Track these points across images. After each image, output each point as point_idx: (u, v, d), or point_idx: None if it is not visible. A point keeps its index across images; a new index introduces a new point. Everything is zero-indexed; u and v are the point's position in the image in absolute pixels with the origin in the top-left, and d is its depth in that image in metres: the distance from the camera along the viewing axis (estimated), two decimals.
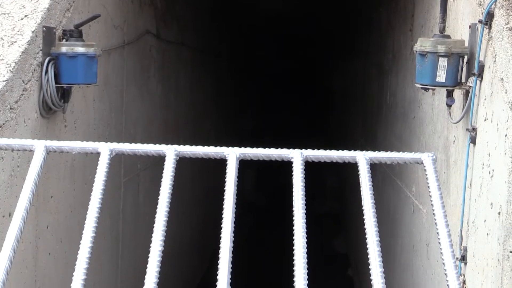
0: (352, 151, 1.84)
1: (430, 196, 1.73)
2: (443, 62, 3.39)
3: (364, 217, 1.67)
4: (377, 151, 1.84)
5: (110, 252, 5.15)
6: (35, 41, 3.44)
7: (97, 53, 3.76)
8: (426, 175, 1.77)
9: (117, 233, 5.34)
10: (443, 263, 1.58)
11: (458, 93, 3.62)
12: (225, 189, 1.71)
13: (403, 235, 5.55)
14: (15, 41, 3.36)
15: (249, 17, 15.84)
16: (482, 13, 3.21)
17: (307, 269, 1.52)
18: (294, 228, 1.62)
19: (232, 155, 1.80)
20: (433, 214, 1.70)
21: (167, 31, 6.99)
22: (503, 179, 2.82)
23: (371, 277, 1.53)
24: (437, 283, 4.19)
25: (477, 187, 3.23)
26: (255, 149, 1.83)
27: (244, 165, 1.85)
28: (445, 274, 1.56)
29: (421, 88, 3.58)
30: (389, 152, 1.85)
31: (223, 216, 1.64)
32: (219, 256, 1.53)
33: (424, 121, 4.77)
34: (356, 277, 9.90)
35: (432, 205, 1.71)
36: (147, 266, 1.52)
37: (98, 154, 1.81)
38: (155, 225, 1.61)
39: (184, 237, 8.25)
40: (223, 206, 1.67)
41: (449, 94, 3.59)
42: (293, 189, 1.72)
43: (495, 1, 3.13)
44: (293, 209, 1.68)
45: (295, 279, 1.50)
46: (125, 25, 5.23)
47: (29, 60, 3.38)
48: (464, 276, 3.38)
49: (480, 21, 3.22)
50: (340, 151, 1.84)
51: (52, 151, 1.82)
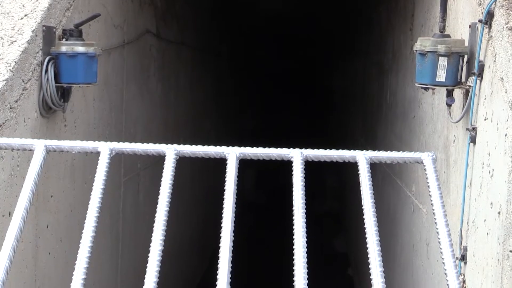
0: (352, 150, 1.84)
1: (430, 195, 1.73)
2: (443, 61, 3.39)
3: (364, 217, 1.67)
4: (377, 151, 1.84)
5: (110, 251, 5.15)
6: (35, 40, 3.44)
7: (97, 53, 3.76)
8: (426, 174, 1.77)
9: (117, 233, 5.34)
10: (443, 263, 1.58)
11: (458, 93, 3.62)
12: (225, 188, 1.71)
13: (403, 235, 5.55)
14: (15, 41, 3.36)
15: (249, 17, 15.84)
16: (482, 13, 3.21)
17: (307, 268, 1.52)
18: (294, 227, 1.62)
19: (232, 154, 1.80)
20: (433, 213, 1.69)
21: (167, 30, 6.99)
22: (503, 178, 2.82)
23: (371, 277, 1.53)
24: (437, 282, 4.19)
25: (477, 186, 3.23)
26: (255, 148, 1.83)
27: (244, 164, 1.85)
28: (445, 273, 1.56)
29: (421, 87, 3.58)
30: (389, 151, 1.85)
31: (223, 215, 1.64)
32: (219, 255, 1.53)
33: (424, 121, 4.77)
34: (356, 276, 9.90)
35: (432, 204, 1.71)
36: (147, 265, 1.52)
37: (98, 153, 1.81)
38: (155, 225, 1.61)
39: (184, 236, 8.25)
40: (223, 205, 1.67)
41: (449, 93, 3.59)
42: (293, 189, 1.72)
43: (495, 1, 3.13)
44: (293, 208, 1.68)
45: (295, 279, 1.50)
46: (125, 24, 5.23)
47: (29, 59, 3.38)
48: (464, 275, 3.38)
49: (480, 21, 3.22)
50: (340, 150, 1.84)
51: (52, 151, 1.82)
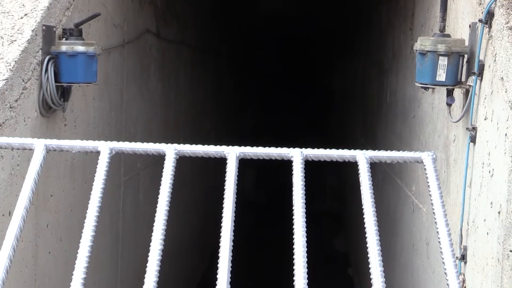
0: (352, 150, 1.84)
1: (430, 195, 1.73)
2: (443, 61, 3.39)
3: (364, 216, 1.67)
4: (377, 150, 1.84)
5: (110, 251, 5.15)
6: (35, 40, 3.44)
7: (97, 52, 3.76)
8: (426, 174, 1.77)
9: (117, 232, 5.34)
10: (443, 262, 1.58)
11: (458, 92, 3.62)
12: (225, 188, 1.71)
13: (403, 234, 5.55)
14: (15, 40, 3.36)
15: (249, 17, 15.84)
16: (482, 12, 3.21)
17: (307, 268, 1.52)
18: (294, 227, 1.62)
19: (232, 154, 1.80)
20: (433, 213, 1.69)
21: (167, 29, 6.99)
22: (503, 178, 2.82)
23: (371, 276, 1.53)
24: (437, 282, 4.19)
25: (477, 186, 3.23)
26: (255, 148, 1.83)
27: (244, 164, 1.85)
28: (445, 273, 1.56)
29: (421, 87, 3.58)
30: (389, 151, 1.85)
31: (223, 215, 1.64)
32: (219, 254, 1.53)
33: (424, 120, 4.77)
34: (356, 276, 9.90)
35: (432, 204, 1.71)
36: (147, 265, 1.52)
37: (98, 153, 1.81)
38: (155, 224, 1.61)
39: (184, 236, 8.25)
40: (223, 205, 1.67)
41: (449, 93, 3.59)
42: (293, 188, 1.72)
43: (495, 0, 3.12)
44: (293, 208, 1.68)
45: (295, 278, 1.50)
46: (125, 24, 5.23)
47: (29, 59, 3.38)
48: (464, 275, 3.38)
49: (480, 20, 3.21)
50: (340, 150, 1.84)
51: (52, 150, 1.82)
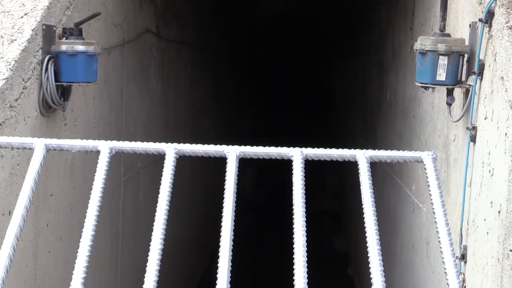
0: (352, 149, 1.83)
1: (430, 194, 1.73)
2: (443, 60, 3.39)
3: (364, 216, 1.67)
4: (377, 150, 1.84)
5: (110, 250, 5.15)
6: (35, 39, 3.44)
7: (97, 51, 3.76)
8: (426, 173, 1.77)
9: (117, 232, 5.34)
10: (443, 262, 1.58)
11: (458, 92, 3.62)
12: (225, 187, 1.71)
13: (403, 234, 5.55)
14: (15, 39, 3.36)
15: (249, 17, 15.84)
16: (482, 12, 3.21)
17: (307, 267, 1.52)
18: (294, 226, 1.62)
19: (232, 153, 1.80)
20: (433, 212, 1.69)
21: (167, 29, 6.99)
22: (503, 177, 2.82)
23: (371, 276, 1.53)
24: (437, 281, 4.19)
25: (477, 185, 3.22)
26: (255, 147, 1.83)
27: (244, 163, 1.85)
28: (445, 272, 1.56)
29: (421, 86, 3.58)
30: (389, 150, 1.85)
31: (223, 214, 1.64)
32: (219, 254, 1.53)
33: (424, 120, 4.77)
34: (356, 275, 9.90)
35: (432, 203, 1.71)
36: (147, 264, 1.52)
37: (98, 152, 1.81)
38: (155, 223, 1.61)
39: (184, 235, 8.25)
40: (223, 204, 1.67)
41: (449, 92, 3.59)
42: (293, 188, 1.72)
43: (495, 0, 3.12)
44: (293, 207, 1.68)
45: (295, 278, 1.50)
46: (125, 23, 5.23)
47: (29, 58, 3.38)
48: (464, 274, 3.38)
49: (480, 20, 3.21)
50: (340, 149, 1.84)
51: (52, 149, 1.82)
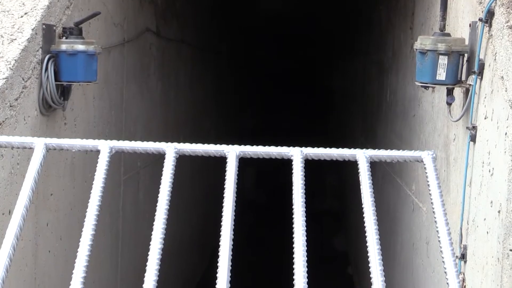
0: (352, 149, 1.84)
1: (430, 194, 1.73)
2: (443, 60, 3.39)
3: (364, 215, 1.67)
4: (377, 149, 1.84)
5: (109, 250, 5.15)
6: (35, 38, 3.44)
7: (97, 51, 3.76)
8: (426, 173, 1.77)
9: (117, 231, 5.34)
10: (443, 261, 1.58)
11: (458, 91, 3.62)
12: (225, 187, 1.71)
13: (403, 233, 5.55)
14: (15, 39, 3.36)
15: (249, 17, 15.83)
16: (482, 11, 3.21)
17: (307, 267, 1.52)
18: (294, 226, 1.62)
19: (232, 153, 1.80)
20: (433, 212, 1.69)
21: (167, 28, 6.98)
22: (503, 177, 2.82)
23: (371, 275, 1.53)
24: (437, 281, 4.19)
25: (477, 185, 3.22)
26: (255, 147, 1.83)
27: (244, 163, 1.85)
28: (445, 272, 1.56)
29: (421, 86, 3.58)
30: (389, 150, 1.85)
31: (223, 214, 1.64)
32: (219, 254, 1.53)
33: (424, 119, 4.77)
34: (355, 275, 9.90)
35: (432, 203, 1.71)
36: (147, 264, 1.52)
37: (98, 151, 1.81)
38: (155, 223, 1.61)
39: (184, 235, 8.25)
40: (223, 204, 1.67)
41: (449, 92, 3.59)
42: (293, 187, 1.72)
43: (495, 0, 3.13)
44: (293, 207, 1.68)
45: (295, 277, 1.50)
46: (125, 22, 5.23)
47: (29, 57, 3.38)
48: (463, 274, 3.38)
49: (480, 19, 3.21)
50: (340, 149, 1.84)
51: (52, 149, 1.82)
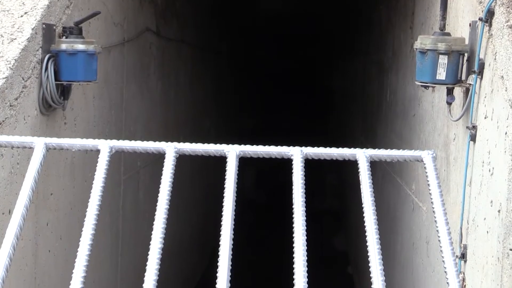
0: (352, 148, 1.84)
1: (430, 193, 1.73)
2: (443, 59, 3.39)
3: (364, 215, 1.67)
4: (377, 149, 1.84)
5: (110, 249, 5.15)
6: (35, 38, 3.44)
7: (97, 50, 3.76)
8: (426, 172, 1.77)
9: (117, 231, 5.34)
10: (443, 261, 1.58)
11: (458, 91, 3.62)
12: (225, 186, 1.71)
13: (403, 233, 5.55)
14: (15, 38, 3.36)
15: (249, 17, 15.83)
16: (482, 11, 3.21)
17: (307, 266, 1.52)
18: (294, 225, 1.62)
19: (232, 152, 1.80)
20: (433, 212, 1.69)
21: (167, 28, 6.98)
22: (503, 177, 2.82)
23: (371, 275, 1.53)
24: (437, 281, 4.19)
25: (477, 185, 3.22)
26: (255, 146, 1.83)
27: (244, 163, 1.85)
28: (445, 272, 1.56)
29: (421, 85, 3.58)
30: (389, 150, 1.85)
31: (223, 213, 1.64)
32: (219, 253, 1.53)
33: (424, 119, 4.77)
34: (355, 274, 9.90)
35: (432, 202, 1.71)
36: (147, 263, 1.52)
37: (98, 151, 1.81)
38: (155, 223, 1.61)
39: (184, 234, 8.25)
40: (223, 203, 1.67)
41: (449, 92, 3.59)
42: (293, 187, 1.72)
43: None
44: (293, 206, 1.68)
45: (295, 277, 1.50)
46: (125, 22, 5.22)
47: (29, 57, 3.38)
48: (463, 274, 3.38)
49: (480, 19, 3.21)
50: (340, 148, 1.84)
51: (52, 148, 1.82)
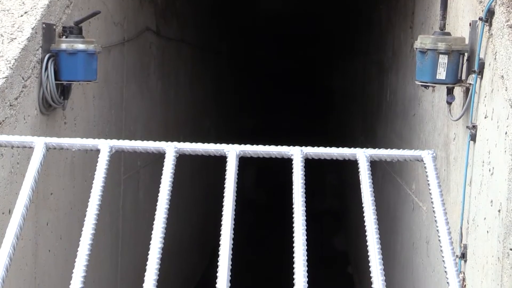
0: (352, 148, 1.84)
1: (430, 193, 1.73)
2: (443, 59, 3.39)
3: (364, 215, 1.67)
4: (377, 149, 1.84)
5: (110, 249, 5.15)
6: (35, 37, 3.44)
7: (97, 50, 3.76)
8: (426, 172, 1.77)
9: (117, 230, 5.34)
10: (443, 261, 1.58)
11: (458, 91, 3.62)
12: (225, 186, 1.71)
13: (403, 233, 5.55)
14: (15, 38, 3.36)
15: (249, 17, 15.83)
16: (482, 11, 3.20)
17: (307, 266, 1.52)
18: (294, 225, 1.62)
19: (232, 152, 1.80)
20: (433, 211, 1.69)
21: (167, 28, 6.98)
22: (503, 176, 2.82)
23: (371, 275, 1.53)
24: (437, 280, 4.19)
25: (477, 184, 3.22)
26: (255, 146, 1.83)
27: (244, 162, 1.85)
28: (445, 271, 1.56)
29: (421, 85, 3.58)
30: (389, 149, 1.85)
31: (223, 213, 1.64)
32: (219, 253, 1.53)
33: (424, 119, 4.77)
34: (355, 274, 9.90)
35: (432, 202, 1.71)
36: (147, 263, 1.52)
37: (98, 151, 1.81)
38: (155, 222, 1.61)
39: (184, 234, 8.25)
40: (223, 203, 1.67)
41: (449, 91, 3.59)
42: (293, 187, 1.72)
43: None
44: (293, 206, 1.68)
45: (295, 277, 1.50)
46: (125, 22, 5.22)
47: (29, 57, 3.38)
48: (464, 273, 3.38)
49: (480, 19, 3.21)
50: (340, 148, 1.84)
51: (52, 148, 1.82)
